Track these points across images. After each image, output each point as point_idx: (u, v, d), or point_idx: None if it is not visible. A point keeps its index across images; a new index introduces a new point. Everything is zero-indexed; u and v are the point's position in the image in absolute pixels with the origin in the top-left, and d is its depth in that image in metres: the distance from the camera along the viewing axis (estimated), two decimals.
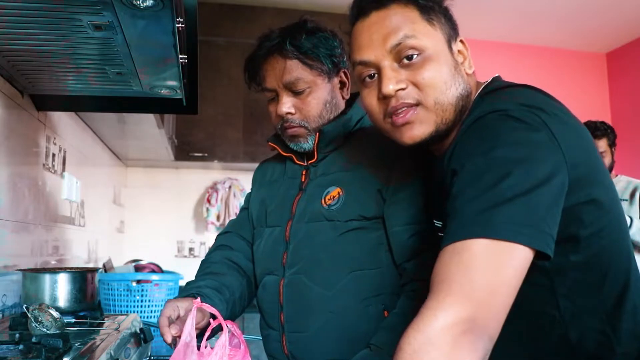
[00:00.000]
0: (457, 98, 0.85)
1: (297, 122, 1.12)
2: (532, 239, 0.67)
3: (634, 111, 4.03)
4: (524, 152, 0.71)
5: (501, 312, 0.67)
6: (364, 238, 1.07)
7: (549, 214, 0.70)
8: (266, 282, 1.17)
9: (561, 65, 4.18)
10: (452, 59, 0.87)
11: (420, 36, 0.84)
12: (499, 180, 0.69)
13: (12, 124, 1.45)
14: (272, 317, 1.15)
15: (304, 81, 1.10)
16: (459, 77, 0.86)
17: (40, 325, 1.05)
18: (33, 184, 1.62)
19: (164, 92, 1.43)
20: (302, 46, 1.10)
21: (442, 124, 0.85)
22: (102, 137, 2.57)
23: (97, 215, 2.55)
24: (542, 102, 0.78)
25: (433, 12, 0.87)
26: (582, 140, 0.78)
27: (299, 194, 1.16)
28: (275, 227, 1.18)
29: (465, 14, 4.20)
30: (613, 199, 0.81)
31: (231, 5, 3.34)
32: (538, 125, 0.73)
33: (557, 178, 0.71)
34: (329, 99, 1.13)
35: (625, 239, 0.83)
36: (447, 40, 0.87)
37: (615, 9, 3.54)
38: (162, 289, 1.98)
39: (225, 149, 3.26)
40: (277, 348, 1.14)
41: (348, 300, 1.06)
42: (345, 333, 1.06)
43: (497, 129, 0.74)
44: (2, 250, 1.39)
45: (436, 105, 0.84)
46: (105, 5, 0.94)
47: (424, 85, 0.84)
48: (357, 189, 1.08)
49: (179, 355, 0.90)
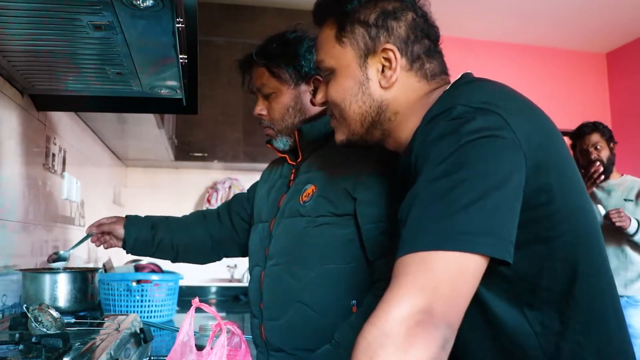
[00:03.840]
0: (360, 115, 0.91)
1: (266, 123, 1.26)
2: (491, 247, 0.66)
3: (634, 111, 4.03)
4: (480, 153, 0.69)
5: (460, 300, 0.65)
6: (333, 233, 1.10)
7: (507, 217, 0.68)
8: (253, 273, 1.26)
9: (561, 65, 4.18)
10: (361, 76, 0.89)
11: (327, 58, 0.92)
12: (454, 185, 0.67)
13: (12, 124, 1.45)
14: (255, 306, 1.23)
15: (268, 87, 1.23)
16: (364, 94, 0.89)
17: (40, 325, 1.05)
18: (33, 184, 1.62)
19: (164, 92, 1.44)
20: (267, 55, 1.22)
21: (351, 134, 0.94)
22: (102, 137, 2.57)
23: (97, 215, 2.54)
24: (500, 96, 0.77)
25: (348, 29, 0.89)
26: (542, 131, 0.76)
27: (286, 192, 1.23)
28: (265, 222, 1.26)
29: (465, 14, 4.20)
30: (572, 189, 0.77)
31: (231, 5, 3.34)
32: (495, 124, 0.71)
33: (515, 177, 0.69)
34: (292, 105, 1.22)
35: (596, 240, 0.79)
36: (360, 56, 0.89)
37: (615, 9, 3.54)
38: (162, 289, 1.98)
39: (225, 149, 3.26)
40: (257, 335, 1.21)
41: (317, 293, 1.10)
42: (315, 325, 1.10)
43: (454, 131, 0.71)
44: (2, 250, 1.39)
45: (341, 119, 0.94)
46: (105, 5, 0.94)
47: (330, 102, 0.94)
48: (328, 186, 1.13)
49: (176, 355, 0.90)
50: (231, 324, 1.01)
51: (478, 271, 0.67)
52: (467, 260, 0.65)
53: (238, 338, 1.02)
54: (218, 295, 3.33)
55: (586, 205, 0.80)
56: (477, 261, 0.66)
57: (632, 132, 4.02)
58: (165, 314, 2.01)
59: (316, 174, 1.17)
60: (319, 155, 1.21)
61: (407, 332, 0.62)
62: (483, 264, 0.67)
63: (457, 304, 0.65)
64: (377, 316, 0.65)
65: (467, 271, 0.66)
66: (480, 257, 0.66)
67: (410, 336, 0.62)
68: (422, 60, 0.89)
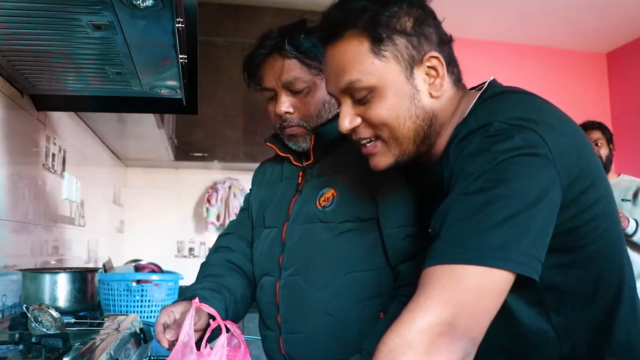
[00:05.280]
0: (414, 131, 0.84)
1: (295, 121, 1.12)
2: (521, 265, 0.66)
3: (634, 111, 4.03)
4: (516, 170, 0.69)
5: (484, 315, 0.66)
6: (360, 239, 1.06)
7: (539, 235, 0.69)
8: (263, 283, 1.17)
9: (561, 65, 4.18)
10: (410, 89, 0.82)
11: (367, 77, 0.82)
12: (489, 201, 0.68)
13: (12, 124, 1.45)
14: (269, 318, 1.15)
15: (303, 80, 1.10)
16: (417, 107, 0.83)
17: (40, 325, 1.05)
18: (33, 184, 1.62)
19: (164, 92, 1.43)
20: (301, 45, 1.09)
21: (401, 155, 0.86)
22: (102, 137, 2.57)
23: (97, 215, 2.55)
24: (535, 111, 0.77)
25: (386, 41, 0.81)
26: (577, 145, 0.76)
27: (296, 195, 1.16)
28: (272, 228, 1.18)
29: (465, 14, 4.19)
30: (609, 202, 0.79)
31: (231, 5, 3.34)
32: (531, 142, 0.71)
33: (550, 195, 0.70)
34: (328, 99, 1.12)
35: (619, 245, 0.81)
36: (406, 67, 0.82)
37: (615, 9, 3.54)
38: (162, 289, 1.98)
39: (225, 149, 3.26)
40: (275, 349, 1.14)
41: (343, 301, 1.06)
42: (340, 334, 1.06)
43: (490, 147, 0.72)
44: (2, 250, 1.39)
45: (391, 140, 0.85)
46: (105, 5, 0.94)
47: (376, 123, 0.84)
48: (350, 190, 1.08)
49: (177, 355, 0.90)
50: (231, 324, 1.01)
51: (504, 287, 0.67)
52: (495, 276, 0.66)
53: (237, 339, 1.02)
54: None
55: (613, 214, 0.80)
56: (504, 277, 0.67)
57: (632, 132, 4.02)
58: None
59: (334, 177, 1.11)
60: (333, 157, 1.14)
61: (429, 342, 0.63)
62: (510, 280, 0.68)
63: (481, 319, 0.66)
64: (400, 324, 0.65)
65: (493, 287, 0.66)
66: (508, 273, 0.67)
67: (432, 347, 0.63)
68: (454, 63, 0.87)
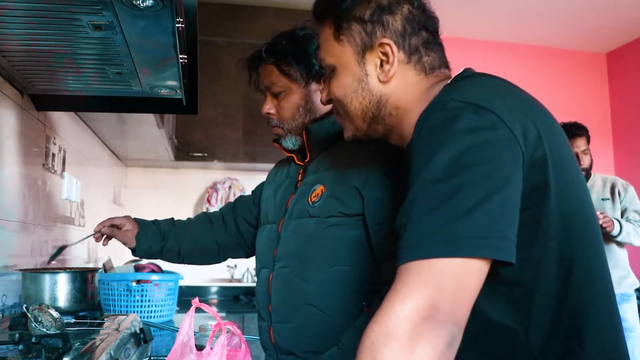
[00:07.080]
0: (361, 110, 0.92)
1: (275, 122, 1.24)
2: (498, 250, 0.65)
3: (634, 111, 4.03)
4: (480, 154, 0.67)
5: (466, 297, 0.64)
6: (344, 235, 1.08)
7: (511, 218, 0.67)
8: (260, 275, 1.24)
9: (561, 65, 4.18)
10: (359, 72, 0.90)
11: (328, 57, 0.94)
12: (456, 188, 0.66)
13: (12, 124, 1.45)
14: (263, 309, 1.20)
15: (278, 85, 1.20)
16: (364, 90, 0.90)
17: (40, 325, 1.05)
18: (33, 184, 1.62)
19: (163, 92, 1.44)
20: (277, 53, 1.19)
21: (355, 130, 0.95)
22: (102, 137, 2.57)
23: (97, 215, 2.55)
24: (495, 93, 0.75)
25: (344, 26, 0.91)
26: (539, 123, 0.74)
27: (294, 193, 1.22)
28: (272, 224, 1.25)
29: (465, 14, 4.20)
30: (570, 189, 0.76)
31: (231, 5, 3.34)
32: (489, 122, 0.69)
33: (516, 175, 0.69)
34: (303, 104, 1.20)
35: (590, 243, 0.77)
36: (358, 52, 0.90)
37: (615, 9, 3.54)
38: (162, 289, 1.98)
39: (225, 149, 3.26)
40: (266, 338, 1.19)
41: (328, 295, 1.08)
42: (325, 327, 1.08)
43: (446, 125, 0.70)
44: (2, 250, 1.39)
45: (345, 115, 0.95)
46: (105, 5, 0.94)
47: (333, 99, 0.96)
48: (337, 186, 1.11)
49: (176, 355, 0.90)
50: (231, 324, 1.01)
51: (483, 271, 0.66)
52: (473, 264, 0.65)
53: (238, 338, 1.02)
54: (218, 295, 3.33)
55: (585, 208, 0.78)
56: (482, 264, 0.65)
57: (632, 132, 4.02)
58: (165, 314, 2.01)
59: (325, 174, 1.15)
60: (327, 155, 1.19)
61: (411, 330, 0.61)
62: (488, 265, 0.66)
63: (462, 301, 0.64)
64: (380, 314, 0.64)
65: (472, 271, 0.65)
66: (486, 261, 0.66)
67: (415, 334, 0.61)
68: (420, 53, 0.89)
